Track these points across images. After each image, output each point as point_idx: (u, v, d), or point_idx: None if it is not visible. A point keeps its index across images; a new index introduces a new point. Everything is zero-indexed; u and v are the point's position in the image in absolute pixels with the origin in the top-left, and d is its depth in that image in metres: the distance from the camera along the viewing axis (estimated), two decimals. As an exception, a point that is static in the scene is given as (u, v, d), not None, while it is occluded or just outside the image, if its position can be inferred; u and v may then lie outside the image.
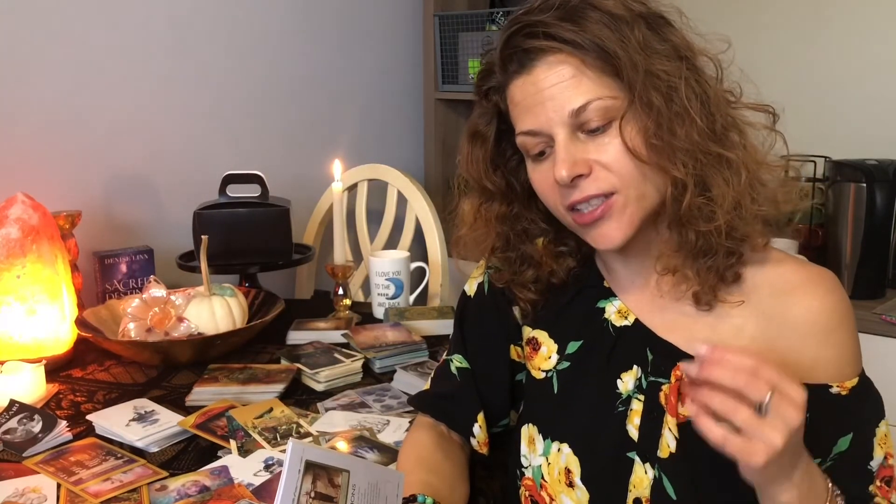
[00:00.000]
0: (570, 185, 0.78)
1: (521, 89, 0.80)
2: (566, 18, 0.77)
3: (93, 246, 1.73)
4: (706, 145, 0.76)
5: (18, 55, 1.66)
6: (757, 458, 0.65)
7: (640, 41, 0.76)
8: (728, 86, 0.81)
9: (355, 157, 2.19)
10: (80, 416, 1.17)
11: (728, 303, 0.82)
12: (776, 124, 0.81)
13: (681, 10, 0.81)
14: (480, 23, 2.38)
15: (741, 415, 0.65)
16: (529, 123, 0.80)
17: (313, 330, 1.50)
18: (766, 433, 0.64)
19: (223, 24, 2.00)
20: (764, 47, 2.16)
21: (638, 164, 0.77)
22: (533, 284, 0.92)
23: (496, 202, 0.91)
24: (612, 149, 0.77)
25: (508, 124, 0.85)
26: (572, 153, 0.78)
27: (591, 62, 0.76)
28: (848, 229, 1.85)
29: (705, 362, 0.67)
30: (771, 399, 0.64)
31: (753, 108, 0.81)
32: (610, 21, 0.76)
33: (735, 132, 0.79)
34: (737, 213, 0.77)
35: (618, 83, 0.76)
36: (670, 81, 0.75)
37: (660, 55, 0.76)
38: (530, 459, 0.91)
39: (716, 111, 0.77)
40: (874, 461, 0.79)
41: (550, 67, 0.77)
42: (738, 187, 0.77)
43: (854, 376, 0.80)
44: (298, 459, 0.67)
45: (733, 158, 0.77)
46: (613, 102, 0.76)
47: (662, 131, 0.75)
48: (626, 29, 0.76)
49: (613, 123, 0.77)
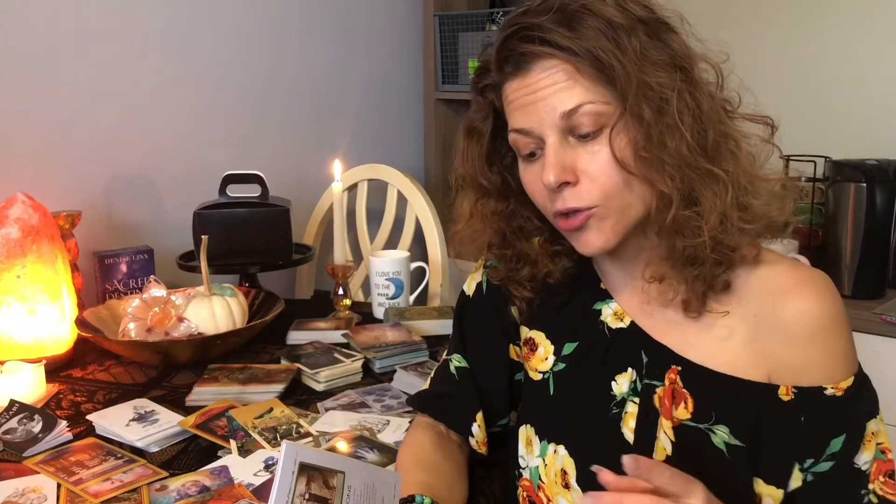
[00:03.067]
0: (556, 190, 0.79)
1: (515, 90, 0.80)
2: (563, 23, 0.76)
3: (93, 246, 1.73)
4: (695, 160, 0.75)
5: (18, 55, 1.66)
6: None
7: (637, 50, 0.75)
8: (727, 94, 0.80)
9: (355, 157, 2.19)
10: (80, 416, 1.17)
11: (715, 312, 0.81)
12: (773, 135, 0.81)
13: (683, 16, 0.80)
14: (480, 23, 2.38)
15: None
16: (521, 122, 0.80)
17: (313, 330, 1.50)
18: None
19: (223, 25, 2.00)
20: (764, 47, 2.15)
21: (625, 175, 0.77)
22: (529, 282, 0.92)
23: (492, 199, 0.91)
24: (601, 158, 0.77)
25: (504, 121, 0.85)
26: (561, 158, 0.78)
27: (585, 69, 0.76)
28: (848, 229, 1.85)
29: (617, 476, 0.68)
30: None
31: (751, 119, 0.81)
32: (607, 29, 0.75)
33: (730, 144, 0.78)
34: (723, 228, 0.77)
35: (611, 91, 0.76)
36: (663, 93, 0.75)
37: (655, 66, 0.76)
38: (527, 460, 0.91)
39: (708, 125, 0.77)
40: (859, 459, 0.79)
41: (545, 71, 0.77)
42: (726, 202, 0.76)
43: (849, 376, 0.79)
44: (292, 461, 0.67)
45: (721, 175, 0.76)
46: (606, 108, 0.76)
47: (652, 144, 0.75)
48: (624, 37, 0.75)
49: (604, 131, 0.77)
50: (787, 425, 0.78)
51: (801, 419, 0.78)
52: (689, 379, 0.81)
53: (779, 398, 0.79)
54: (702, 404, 0.80)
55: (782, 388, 0.79)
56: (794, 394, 0.78)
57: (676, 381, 0.82)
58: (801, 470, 0.79)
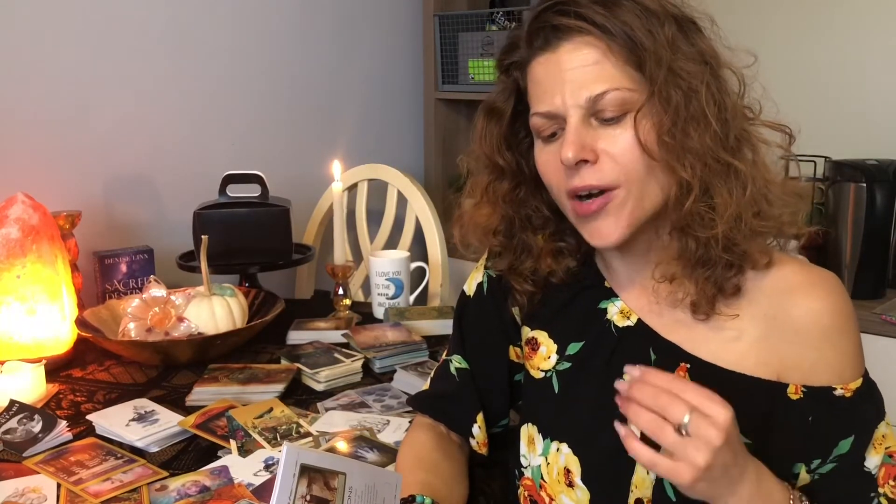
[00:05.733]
0: (574, 168, 0.78)
1: (544, 67, 0.80)
2: (599, 2, 0.77)
3: (93, 246, 1.73)
4: (717, 152, 0.75)
5: (19, 55, 1.66)
6: (683, 478, 0.68)
7: (669, 38, 0.76)
8: (748, 102, 0.80)
9: (355, 157, 2.19)
10: (80, 416, 1.17)
11: (724, 315, 0.81)
12: (791, 145, 0.81)
13: (713, 19, 0.81)
14: (480, 23, 2.38)
15: (665, 435, 0.68)
16: (546, 105, 0.79)
17: (313, 330, 1.50)
18: (689, 453, 0.67)
19: (223, 25, 2.00)
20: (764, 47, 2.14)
21: (646, 160, 0.76)
22: (531, 275, 0.92)
23: (505, 181, 0.90)
24: (623, 140, 0.77)
25: (525, 104, 0.84)
26: (582, 136, 0.77)
27: (616, 49, 0.76)
28: (848, 229, 1.85)
29: (634, 382, 0.70)
30: (690, 420, 0.67)
31: (770, 127, 0.80)
32: (642, 13, 0.76)
33: (748, 147, 0.78)
34: (736, 226, 0.76)
35: (639, 75, 0.76)
36: (691, 83, 0.75)
37: (685, 56, 0.76)
38: (529, 459, 0.91)
39: (731, 122, 0.77)
40: (869, 462, 0.79)
41: (576, 48, 0.77)
42: (742, 200, 0.76)
43: (857, 377, 0.79)
44: (293, 463, 0.67)
45: (742, 169, 0.76)
46: (631, 94, 0.76)
47: (677, 130, 0.75)
48: (657, 24, 0.76)
49: (628, 115, 0.77)
50: (795, 424, 0.78)
51: (808, 419, 0.78)
52: (698, 376, 0.81)
53: (787, 397, 0.79)
54: None
55: (791, 387, 0.79)
56: (804, 393, 0.78)
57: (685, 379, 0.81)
58: (808, 471, 0.79)
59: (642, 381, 0.70)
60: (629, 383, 0.71)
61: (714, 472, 0.67)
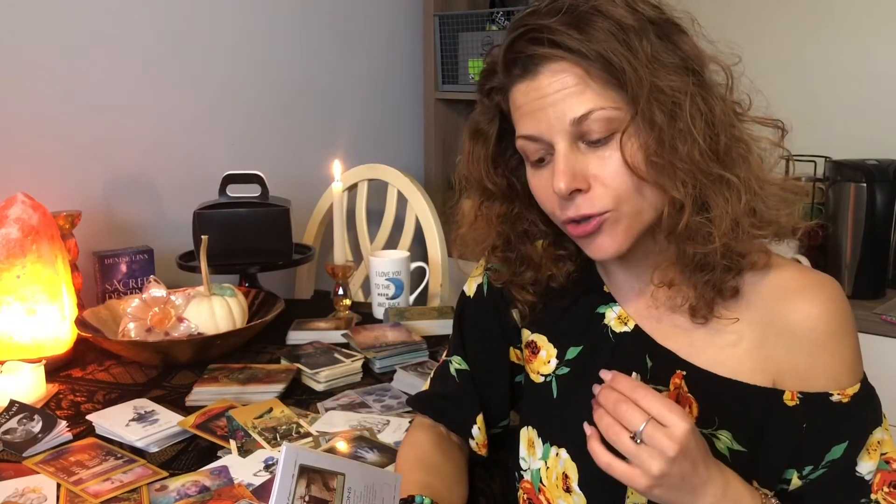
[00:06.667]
0: (568, 198, 0.77)
1: (524, 94, 0.78)
2: (573, 25, 0.74)
3: (93, 246, 1.73)
4: (707, 166, 0.74)
5: (19, 55, 1.66)
6: (637, 483, 0.70)
7: (648, 53, 0.73)
8: (737, 96, 0.79)
9: (355, 157, 2.19)
10: (80, 416, 1.17)
11: (724, 318, 0.80)
12: (783, 139, 0.80)
13: (694, 18, 0.79)
14: (480, 23, 2.38)
15: (621, 441, 0.70)
16: (530, 129, 0.78)
17: (313, 330, 1.50)
18: (644, 460, 0.69)
19: (223, 25, 2.00)
20: (764, 47, 2.15)
21: (636, 181, 0.75)
22: (531, 286, 0.91)
23: (497, 202, 0.89)
24: (612, 163, 0.75)
25: (510, 123, 0.83)
26: (572, 165, 0.76)
27: (595, 73, 0.74)
28: (848, 229, 1.85)
29: (602, 387, 0.73)
30: (644, 429, 0.69)
31: (761, 123, 0.79)
32: (618, 31, 0.73)
33: (741, 148, 0.77)
34: (734, 235, 0.76)
35: (622, 95, 0.74)
36: (675, 98, 0.73)
37: (667, 69, 0.74)
38: (529, 462, 0.91)
39: (720, 130, 0.75)
40: (861, 467, 0.78)
41: (554, 74, 0.75)
42: (738, 208, 0.75)
43: (855, 383, 0.79)
44: (292, 464, 0.67)
45: (734, 180, 0.75)
46: (616, 113, 0.74)
47: (664, 149, 0.73)
48: (635, 40, 0.73)
49: (615, 136, 0.75)
50: (790, 431, 0.78)
51: (802, 425, 0.78)
52: (694, 383, 0.81)
53: (784, 403, 0.78)
54: (706, 409, 0.80)
55: (788, 394, 0.78)
56: (800, 399, 0.78)
57: (681, 386, 0.81)
58: (800, 477, 0.79)
59: (609, 386, 0.72)
60: (601, 387, 0.73)
61: (671, 479, 0.69)
